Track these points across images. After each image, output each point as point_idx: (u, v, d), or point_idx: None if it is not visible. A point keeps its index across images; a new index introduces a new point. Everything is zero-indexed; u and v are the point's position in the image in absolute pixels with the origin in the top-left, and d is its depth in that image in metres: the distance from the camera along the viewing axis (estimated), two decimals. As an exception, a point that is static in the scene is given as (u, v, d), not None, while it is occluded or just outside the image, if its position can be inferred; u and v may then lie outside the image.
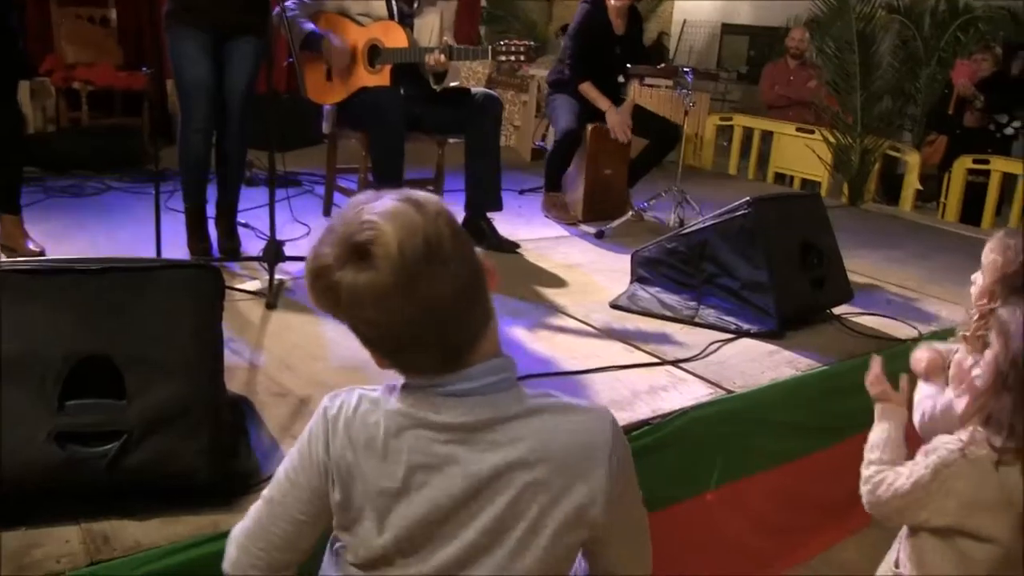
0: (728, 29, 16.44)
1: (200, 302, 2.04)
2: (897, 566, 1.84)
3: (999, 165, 6.46)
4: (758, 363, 3.07)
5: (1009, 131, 7.06)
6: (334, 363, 2.78)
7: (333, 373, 2.70)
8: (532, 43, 4.03)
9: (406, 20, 4.16)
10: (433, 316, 1.13)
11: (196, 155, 3.68)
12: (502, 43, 4.00)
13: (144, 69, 5.47)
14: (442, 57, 3.96)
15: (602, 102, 4.86)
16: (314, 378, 2.65)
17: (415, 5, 4.20)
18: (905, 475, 1.70)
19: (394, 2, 4.13)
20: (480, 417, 1.18)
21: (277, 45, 3.96)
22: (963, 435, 1.65)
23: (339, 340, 2.95)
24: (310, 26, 4.05)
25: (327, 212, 4.63)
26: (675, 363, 2.98)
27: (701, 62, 13.80)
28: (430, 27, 4.21)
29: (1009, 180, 6.37)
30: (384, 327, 1.14)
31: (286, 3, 4.06)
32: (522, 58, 3.98)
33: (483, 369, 1.18)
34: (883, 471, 1.75)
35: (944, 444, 1.66)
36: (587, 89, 4.89)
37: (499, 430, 1.18)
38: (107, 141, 5.47)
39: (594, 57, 4.90)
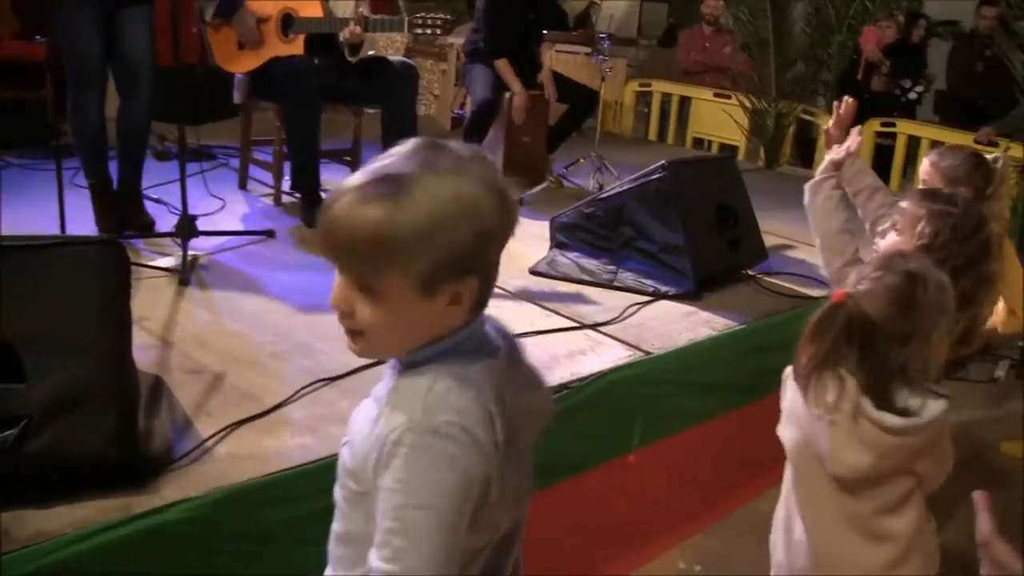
0: (646, -4, 16.47)
1: (104, 279, 1.96)
2: None
3: (905, 128, 6.63)
4: (676, 324, 3.10)
5: (913, 95, 7.27)
6: (251, 338, 2.73)
7: (250, 348, 2.65)
8: (448, 16, 3.98)
9: None
10: None
11: (92, 129, 3.50)
12: (419, 16, 3.95)
13: (38, 38, 5.24)
14: (358, 29, 3.88)
15: (514, 84, 4.84)
16: (230, 353, 2.59)
17: None
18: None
19: None
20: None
21: (185, 12, 3.83)
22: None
23: (256, 315, 2.91)
24: None
25: (243, 185, 4.54)
26: (594, 326, 2.99)
27: (621, 30, 13.83)
28: None
29: (914, 142, 6.54)
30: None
31: None
32: (438, 31, 3.94)
33: None
34: None
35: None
36: (502, 67, 4.85)
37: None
38: (5, 116, 5.25)
39: (508, 26, 4.86)
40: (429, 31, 3.91)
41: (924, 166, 2.50)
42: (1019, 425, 4.03)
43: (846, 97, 2.58)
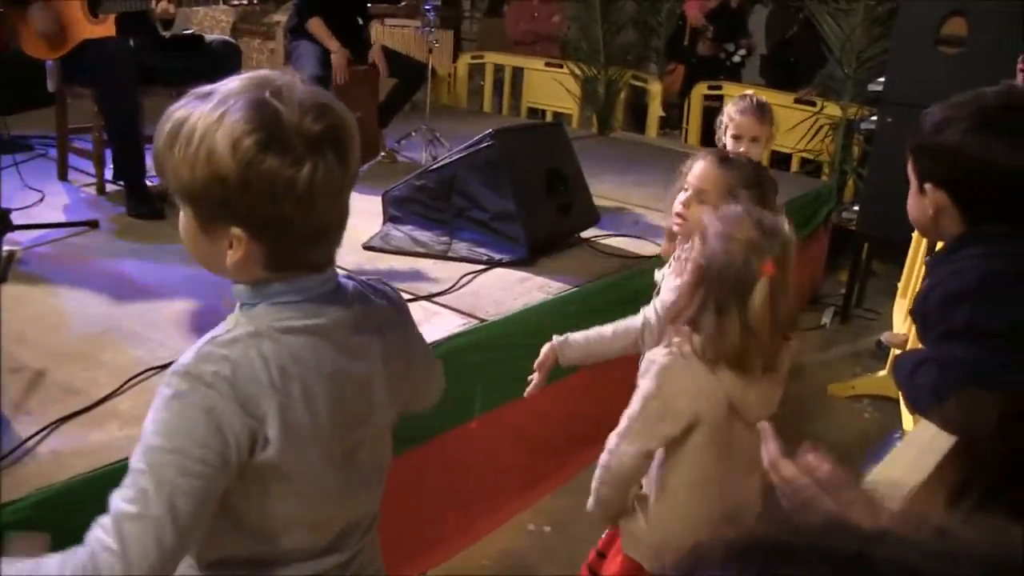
0: (478, -32, 16.46)
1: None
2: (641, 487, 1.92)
3: (731, 90, 6.88)
4: (510, 291, 3.16)
5: (736, 59, 7.59)
6: (74, 331, 2.63)
7: (73, 341, 2.56)
8: None
9: None
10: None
11: None
12: None
13: None
14: (170, 7, 3.75)
15: (330, 42, 4.77)
16: (52, 349, 2.50)
17: None
18: (629, 409, 1.80)
19: None
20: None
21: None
22: (671, 339, 1.75)
23: (80, 307, 2.81)
24: None
25: (63, 176, 4.33)
26: (428, 298, 3.02)
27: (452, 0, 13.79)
28: None
29: (740, 103, 6.81)
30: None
31: None
32: (256, 3, 3.85)
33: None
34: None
35: (656, 356, 1.75)
36: (315, 26, 4.78)
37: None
38: None
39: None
40: (247, 3, 3.81)
41: (707, 172, 2.24)
42: (844, 368, 4.30)
43: None
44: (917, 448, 1.41)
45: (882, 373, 3.94)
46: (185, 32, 3.94)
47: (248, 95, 1.04)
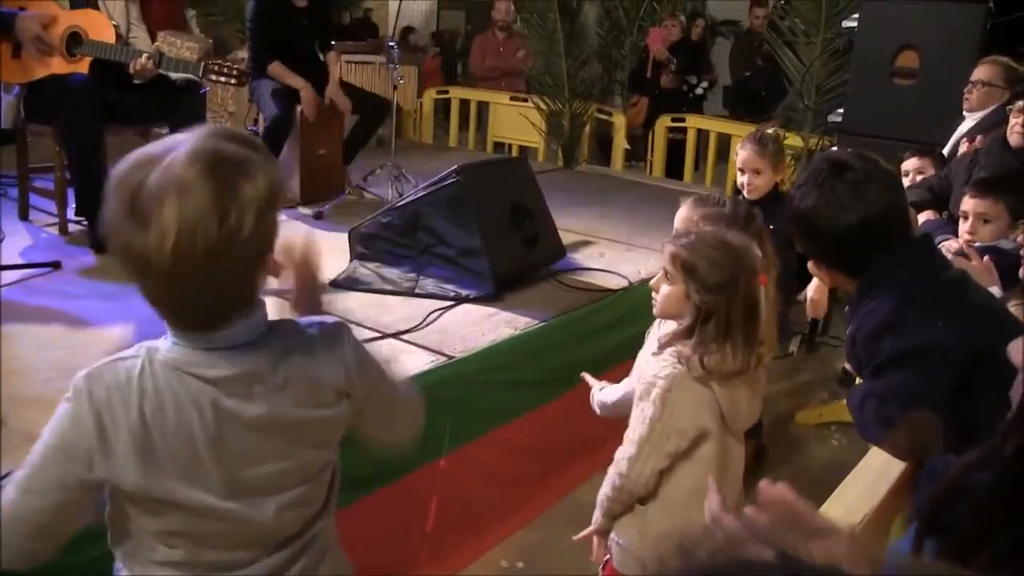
0: (445, 4, 16.63)
1: None
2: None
3: (694, 122, 7.00)
4: (478, 326, 3.16)
5: (699, 91, 7.71)
6: (34, 376, 2.59)
7: (33, 386, 2.52)
8: (245, 69, 3.93)
9: None
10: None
11: None
12: (215, 63, 3.87)
13: None
14: (150, 64, 3.75)
15: (294, 80, 4.77)
16: (10, 394, 2.44)
17: None
18: (632, 429, 1.84)
19: None
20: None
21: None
22: (667, 357, 1.80)
23: (40, 350, 2.76)
24: None
25: (23, 216, 4.28)
26: (396, 335, 3.02)
27: (420, 38, 13.90)
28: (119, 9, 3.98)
29: (704, 135, 6.91)
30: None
31: None
32: (233, 81, 3.89)
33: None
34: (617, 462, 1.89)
35: (656, 375, 1.80)
36: (276, 70, 4.79)
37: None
38: None
39: (280, 36, 4.80)
40: (224, 79, 3.84)
41: (682, 214, 2.35)
42: (812, 395, 4.33)
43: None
44: (868, 476, 1.44)
45: (848, 400, 3.97)
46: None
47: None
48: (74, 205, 3.91)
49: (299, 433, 1.28)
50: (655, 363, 1.82)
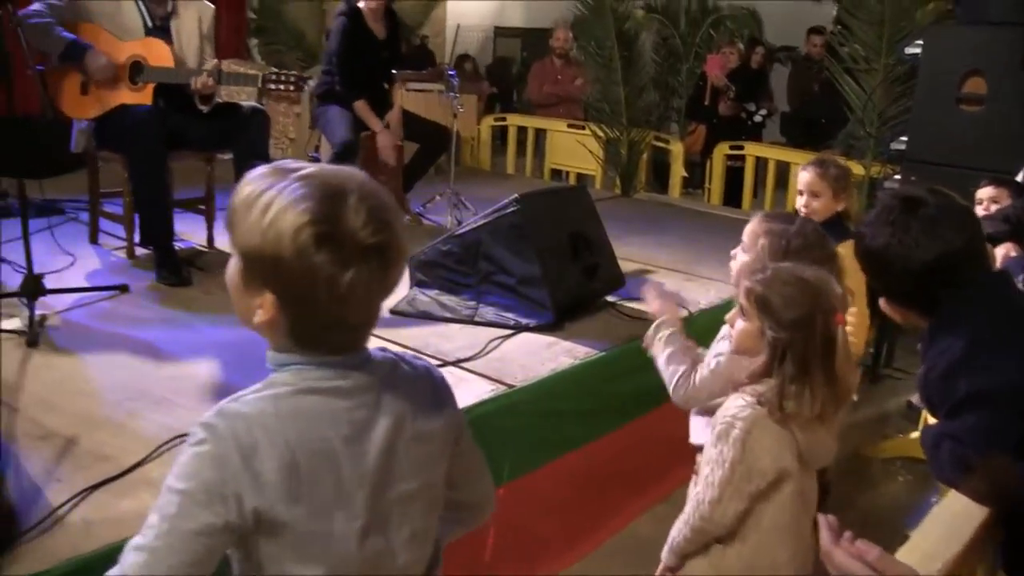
0: (501, 32, 16.78)
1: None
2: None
3: (752, 150, 6.94)
4: (537, 355, 3.16)
5: (758, 118, 7.65)
6: (104, 398, 2.64)
7: (103, 408, 2.57)
8: (303, 76, 3.99)
9: (159, 23, 4.00)
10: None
11: None
12: (273, 72, 3.93)
13: None
14: (210, 81, 3.83)
15: (374, 123, 4.85)
16: (82, 415, 2.51)
17: (168, 8, 4.03)
18: (709, 471, 1.80)
19: (143, 6, 3.96)
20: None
21: (16, 59, 3.68)
22: (745, 396, 1.77)
23: (110, 373, 2.82)
24: (69, 35, 3.80)
25: (93, 240, 4.39)
26: (456, 363, 3.02)
27: (494, 66, 14.06)
28: (189, 32, 4.06)
29: (762, 163, 6.85)
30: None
31: (31, 7, 3.81)
32: (292, 88, 3.95)
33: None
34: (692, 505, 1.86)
35: (734, 415, 1.77)
36: (361, 108, 4.86)
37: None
38: None
39: (360, 67, 4.87)
40: (283, 87, 3.90)
41: (749, 227, 2.35)
42: (876, 430, 4.25)
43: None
44: (947, 521, 1.40)
45: (914, 435, 3.88)
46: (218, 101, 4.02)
47: (324, 190, 1.12)
48: (140, 232, 3.99)
49: (426, 445, 1.28)
50: (732, 402, 1.80)
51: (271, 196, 1.11)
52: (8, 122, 3.29)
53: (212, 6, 4.23)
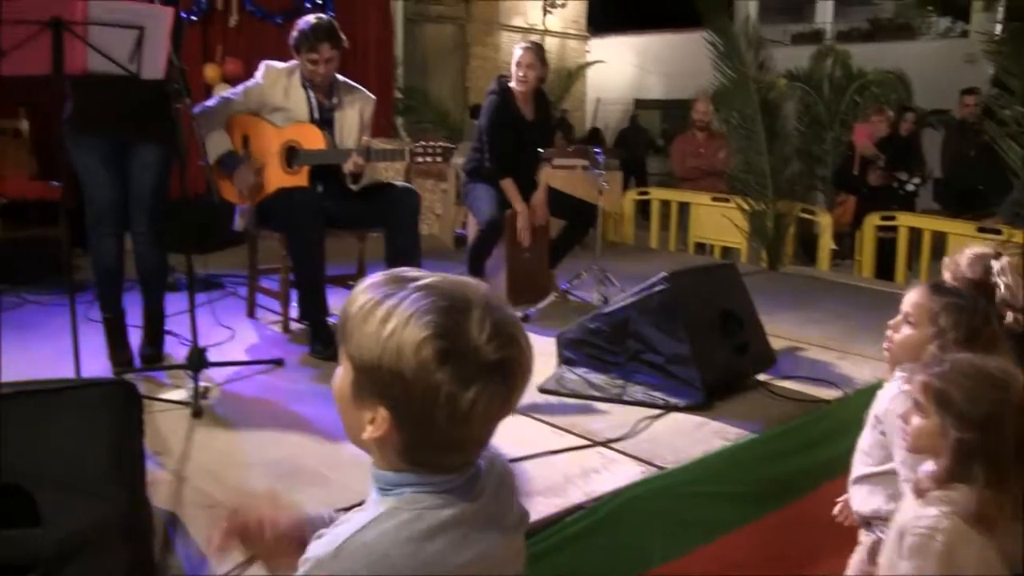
0: (641, 104, 16.93)
1: (116, 419, 2.01)
2: None
3: (905, 220, 6.69)
4: (688, 436, 3.09)
5: (910, 187, 7.39)
6: (263, 469, 2.74)
7: (262, 479, 2.65)
8: (449, 144, 4.10)
9: (326, 114, 4.20)
10: None
11: (106, 263, 3.63)
12: (419, 144, 4.06)
13: (54, 183, 5.41)
14: (360, 160, 3.99)
15: (517, 203, 4.92)
16: (243, 486, 2.60)
17: (334, 100, 4.23)
18: None
19: (313, 98, 4.17)
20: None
21: (191, 148, 3.95)
22: (939, 506, 1.63)
23: (268, 446, 2.92)
24: (226, 146, 4.08)
25: (251, 314, 4.58)
26: (605, 444, 2.98)
27: (627, 137, 14.18)
28: (350, 122, 4.24)
29: (916, 233, 6.60)
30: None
31: (207, 102, 4.08)
32: (439, 159, 4.04)
33: None
34: None
35: (931, 527, 1.62)
36: (507, 186, 4.95)
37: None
38: (23, 254, 5.35)
39: (508, 146, 4.96)
40: (430, 159, 4.00)
41: (915, 299, 2.23)
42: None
43: None
44: None
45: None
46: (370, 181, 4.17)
47: (447, 302, 1.08)
48: (297, 307, 4.15)
49: (518, 543, 1.27)
50: (922, 511, 1.66)
51: (391, 306, 1.07)
52: (181, 203, 3.53)
53: (374, 97, 4.41)
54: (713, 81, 6.94)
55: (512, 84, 5.00)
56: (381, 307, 1.08)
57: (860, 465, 2.30)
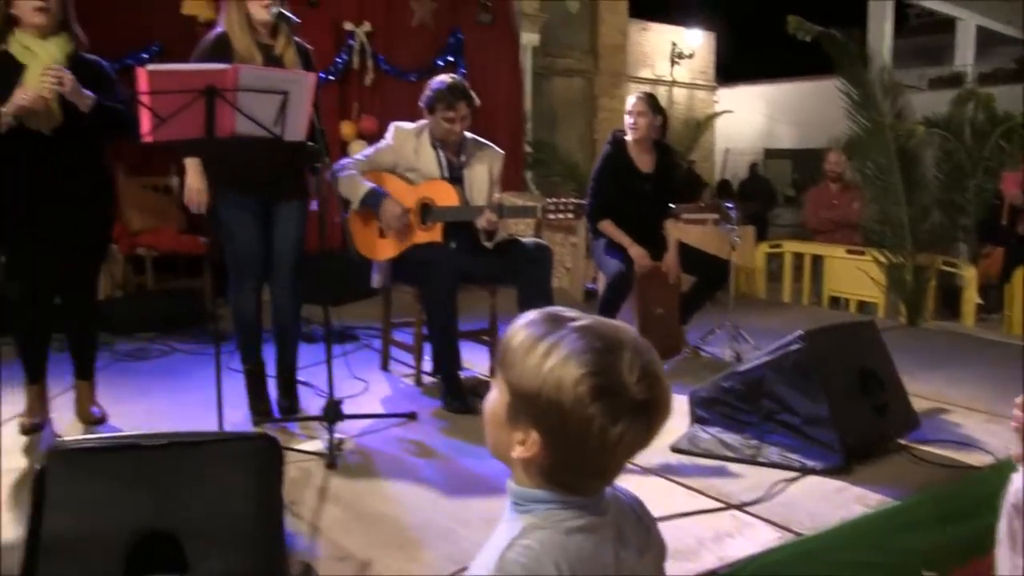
0: (770, 154, 16.70)
1: (261, 472, 2.10)
2: None
3: (1059, 273, 6.36)
4: (826, 502, 2.99)
5: (1064, 237, 7.00)
6: (395, 523, 2.78)
7: (395, 533, 2.70)
8: (580, 200, 4.12)
9: (455, 172, 4.30)
10: None
11: (247, 317, 3.78)
12: (552, 201, 4.10)
13: (202, 240, 5.70)
14: (494, 217, 4.06)
15: (623, 239, 4.90)
16: (376, 539, 2.65)
17: (463, 158, 4.33)
18: None
19: (443, 156, 4.27)
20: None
21: (330, 203, 4.10)
22: None
23: (400, 499, 2.97)
24: (369, 184, 4.19)
25: (384, 366, 4.69)
26: (740, 507, 2.91)
27: (746, 188, 13.99)
28: (480, 178, 4.33)
29: (1070, 287, 6.26)
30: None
31: (343, 161, 4.23)
32: (571, 216, 4.07)
33: None
34: None
35: None
36: (607, 227, 4.95)
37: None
38: (171, 304, 5.65)
39: (621, 197, 4.96)
40: (562, 216, 4.04)
41: None
42: None
43: None
44: None
45: None
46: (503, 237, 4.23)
47: (602, 343, 1.17)
48: (430, 361, 4.22)
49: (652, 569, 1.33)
50: None
51: (551, 344, 1.17)
52: (320, 256, 3.66)
53: (502, 152, 4.49)
54: (846, 129, 6.77)
55: (628, 136, 5.02)
56: (542, 343, 1.18)
57: (1004, 561, 2.15)
